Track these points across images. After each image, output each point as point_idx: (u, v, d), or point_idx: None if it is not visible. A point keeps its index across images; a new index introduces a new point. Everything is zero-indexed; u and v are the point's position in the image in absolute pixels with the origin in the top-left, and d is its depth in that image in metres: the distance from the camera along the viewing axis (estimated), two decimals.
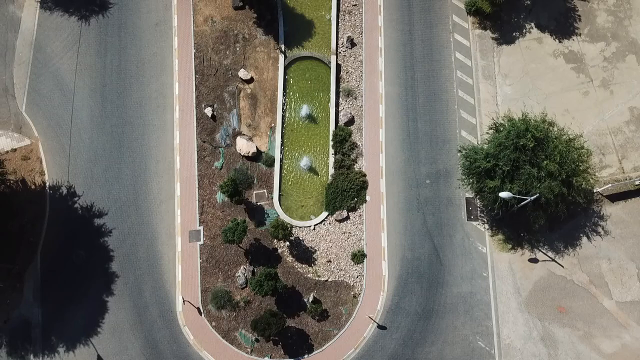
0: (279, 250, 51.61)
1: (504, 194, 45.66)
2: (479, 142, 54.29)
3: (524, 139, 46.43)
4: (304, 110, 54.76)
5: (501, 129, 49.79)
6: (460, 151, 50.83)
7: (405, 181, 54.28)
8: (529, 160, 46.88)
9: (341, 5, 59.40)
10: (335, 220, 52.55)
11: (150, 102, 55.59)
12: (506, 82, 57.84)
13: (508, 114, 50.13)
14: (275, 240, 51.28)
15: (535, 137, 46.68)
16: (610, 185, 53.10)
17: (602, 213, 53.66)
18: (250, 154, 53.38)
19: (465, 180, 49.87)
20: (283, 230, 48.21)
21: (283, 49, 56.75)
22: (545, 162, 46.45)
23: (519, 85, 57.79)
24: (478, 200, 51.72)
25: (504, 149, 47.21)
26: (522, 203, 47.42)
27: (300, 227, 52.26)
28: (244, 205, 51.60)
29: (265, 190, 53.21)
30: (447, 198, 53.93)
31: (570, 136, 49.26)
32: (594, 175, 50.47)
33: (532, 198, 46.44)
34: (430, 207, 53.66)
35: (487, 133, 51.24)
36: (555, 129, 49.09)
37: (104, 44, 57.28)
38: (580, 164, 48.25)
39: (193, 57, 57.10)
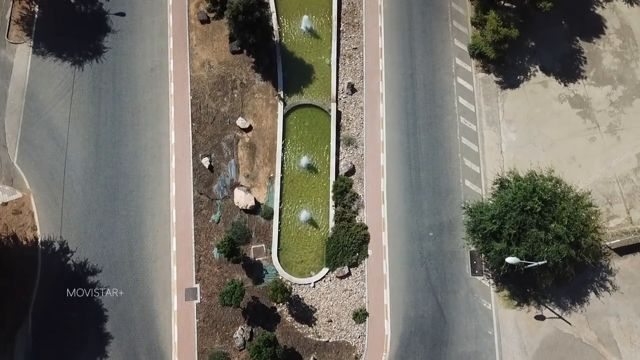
0: (278, 310, 48.09)
1: (510, 260, 42.20)
2: (484, 196, 50.79)
3: (531, 201, 42.86)
4: (304, 160, 51.14)
5: (506, 184, 46.32)
6: (464, 208, 47.32)
7: (408, 233, 50.73)
8: (536, 223, 43.40)
9: (341, 49, 55.70)
10: (336, 277, 49.03)
11: (145, 151, 51.95)
12: (511, 128, 54.22)
13: (514, 171, 46.54)
14: None
15: (543, 199, 43.22)
16: (618, 240, 49.60)
17: (610, 267, 50.13)
18: (248, 207, 49.84)
19: (470, 240, 46.44)
20: (282, 294, 44.73)
21: (282, 95, 53.08)
22: (553, 224, 42.99)
23: (524, 131, 54.16)
24: (482, 254, 48.24)
25: (510, 210, 43.72)
26: (529, 266, 44.01)
27: (299, 284, 48.74)
28: (242, 261, 48.09)
29: (263, 245, 49.66)
30: (451, 252, 50.38)
31: (578, 193, 45.76)
32: (604, 234, 47.01)
33: (539, 263, 42.99)
34: (434, 261, 50.12)
35: (492, 187, 47.74)
36: (563, 185, 45.57)
37: (98, 91, 53.57)
38: (589, 223, 44.81)
39: (190, 104, 53.42)
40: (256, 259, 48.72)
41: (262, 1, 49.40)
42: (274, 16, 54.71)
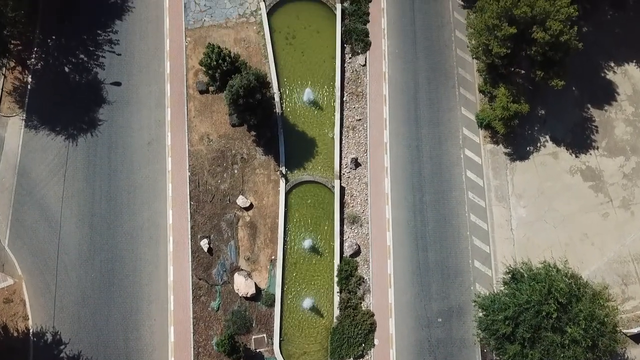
0: None
1: None
2: (494, 278, 46.63)
3: (546, 305, 38.67)
4: (307, 242, 46.90)
5: (519, 277, 42.17)
6: (475, 302, 43.12)
7: (416, 320, 46.44)
8: (551, 326, 39.21)
9: (345, 121, 51.37)
10: None
11: (142, 233, 47.61)
12: (520, 204, 49.91)
13: (527, 262, 42.27)
14: None
15: (559, 302, 39.04)
16: (636, 330, 45.41)
17: (626, 356, 45.95)
18: (249, 295, 45.62)
19: (483, 339, 42.26)
20: None
21: (284, 171, 48.72)
22: (569, 328, 38.78)
23: (534, 206, 49.87)
24: (494, 351, 43.99)
25: (524, 311, 39.56)
26: None
27: None
28: (242, 353, 43.89)
29: (264, 335, 45.39)
30: (460, 339, 46.08)
31: (595, 288, 41.55)
32: (623, 335, 42.81)
33: None
34: (443, 349, 45.81)
35: (504, 277, 43.54)
36: (578, 281, 41.34)
37: (92, 167, 49.20)
38: (607, 321, 40.62)
39: (188, 180, 49.09)
40: (257, 350, 44.50)
41: (264, 81, 45.02)
42: (275, 86, 50.37)
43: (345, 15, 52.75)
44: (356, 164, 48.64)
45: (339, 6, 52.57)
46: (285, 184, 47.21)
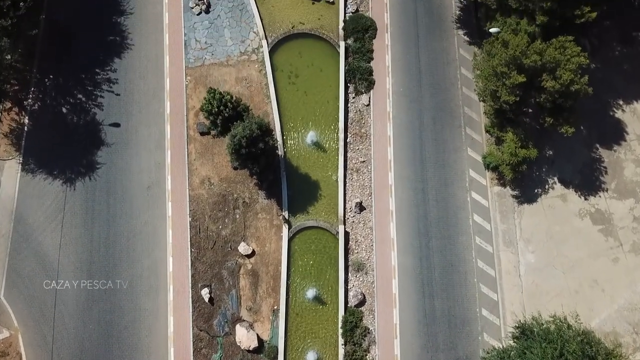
0: None
1: None
2: (502, 328, 44.59)
3: None
4: (310, 292, 44.80)
5: (528, 333, 40.13)
6: (484, 358, 41.08)
7: None
8: None
9: (348, 163, 49.29)
10: None
11: (141, 282, 45.49)
12: (529, 249, 47.85)
13: (537, 318, 40.21)
14: None
15: None
16: None
17: None
18: (251, 348, 43.54)
19: None
20: None
21: (287, 216, 46.66)
22: None
23: (543, 251, 47.77)
24: None
25: None
26: None
27: None
28: None
29: None
30: None
31: (609, 346, 39.49)
32: None
33: None
34: None
35: (513, 331, 41.50)
36: (591, 338, 39.27)
37: (90, 213, 47.08)
38: None
39: (188, 226, 46.96)
40: None
41: (267, 129, 42.92)
42: (278, 128, 48.33)
43: (348, 53, 50.65)
44: (361, 207, 46.59)
45: (342, 44, 50.48)
46: (288, 230, 45.13)
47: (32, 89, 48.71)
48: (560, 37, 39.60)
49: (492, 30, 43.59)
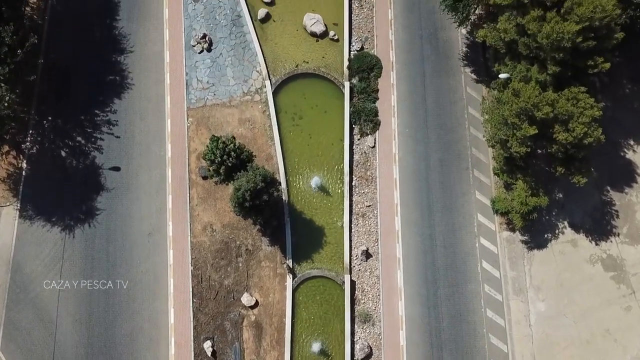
0: None
1: None
2: None
3: None
4: (316, 346, 43.06)
5: None
6: None
7: None
8: None
9: (354, 207, 47.59)
10: None
11: (142, 334, 43.66)
12: (539, 297, 46.10)
13: None
14: None
15: None
16: None
17: None
18: None
19: None
20: None
21: (291, 265, 44.93)
22: None
23: (553, 299, 46.01)
24: None
25: None
26: None
27: None
28: None
29: None
30: None
31: None
32: None
33: None
34: None
35: None
36: None
37: (90, 261, 45.27)
38: None
39: (190, 275, 45.18)
40: None
41: (272, 180, 41.21)
42: (282, 171, 46.68)
43: (353, 93, 49.01)
44: (367, 255, 44.91)
45: (346, 84, 48.81)
46: (293, 279, 43.42)
47: (31, 131, 47.02)
48: (572, 87, 37.88)
49: (502, 76, 41.94)
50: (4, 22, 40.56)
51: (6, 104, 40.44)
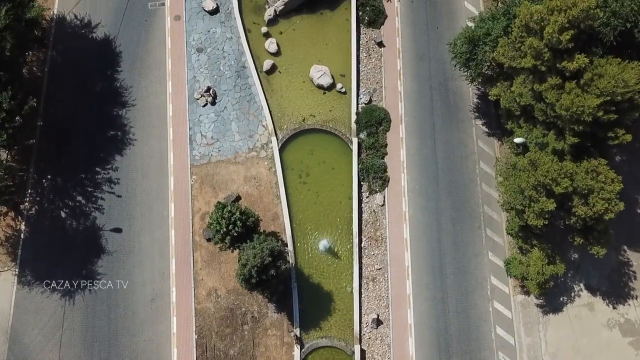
0: None
1: None
2: None
3: None
4: None
5: None
6: None
7: None
8: None
9: (364, 271, 45.74)
10: None
11: None
12: None
13: None
14: None
15: None
16: None
17: None
18: None
19: None
20: None
21: (298, 333, 43.03)
22: None
23: None
24: None
25: None
26: None
27: None
28: None
29: None
30: None
31: None
32: None
33: None
34: None
35: None
36: None
37: (91, 330, 43.29)
38: None
39: (195, 345, 43.17)
40: None
41: (280, 252, 39.39)
42: (288, 232, 44.85)
43: (361, 149, 47.17)
44: (377, 322, 43.01)
45: (354, 140, 46.95)
46: (300, 350, 41.52)
47: (29, 190, 45.18)
48: (592, 159, 36.05)
49: (517, 140, 40.11)
50: (2, 86, 38.73)
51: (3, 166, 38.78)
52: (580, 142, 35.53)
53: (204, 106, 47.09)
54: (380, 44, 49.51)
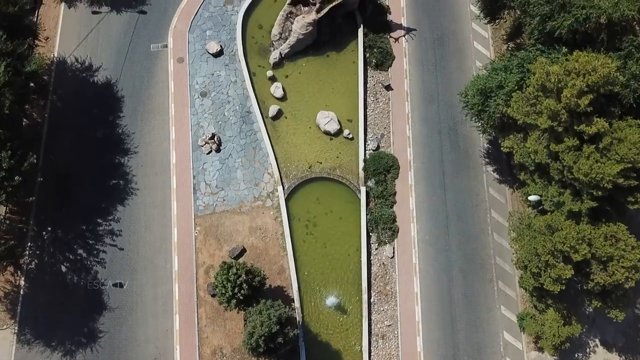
0: None
1: None
2: None
3: None
4: None
5: None
6: None
7: None
8: None
9: (373, 328, 44.27)
10: None
11: None
12: None
13: None
14: None
15: None
16: None
17: None
18: None
19: None
20: None
21: None
22: None
23: None
24: None
25: None
26: None
27: None
28: None
29: None
30: None
31: None
32: None
33: None
34: None
35: None
36: None
37: None
38: None
39: None
40: None
41: (289, 318, 37.94)
42: (294, 287, 43.42)
43: (369, 198, 45.77)
44: None
45: (362, 190, 45.50)
46: None
47: (29, 244, 43.73)
48: (611, 225, 34.64)
49: (532, 198, 38.68)
50: (1, 144, 37.38)
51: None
52: (599, 206, 34.02)
53: (208, 153, 45.70)
54: (388, 87, 48.15)
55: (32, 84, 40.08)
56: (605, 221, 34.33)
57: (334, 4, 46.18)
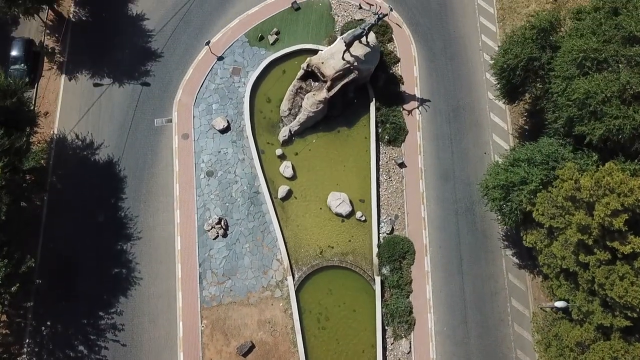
0: None
1: None
2: None
3: None
4: None
5: None
6: None
7: None
8: None
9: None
10: None
11: None
12: None
13: None
14: None
15: None
16: None
17: None
18: None
19: None
20: None
21: None
22: None
23: None
24: None
25: None
26: None
27: None
28: None
29: None
30: None
31: None
32: None
33: None
34: None
35: None
36: None
37: None
38: None
39: None
40: None
41: None
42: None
43: (384, 288, 43.40)
44: None
45: (377, 280, 43.05)
46: None
47: (27, 340, 41.31)
48: None
49: (558, 304, 36.31)
50: None
51: None
52: (633, 326, 31.68)
53: (214, 239, 43.35)
54: (402, 165, 45.70)
55: (29, 178, 37.50)
56: None
57: (345, 80, 43.78)
